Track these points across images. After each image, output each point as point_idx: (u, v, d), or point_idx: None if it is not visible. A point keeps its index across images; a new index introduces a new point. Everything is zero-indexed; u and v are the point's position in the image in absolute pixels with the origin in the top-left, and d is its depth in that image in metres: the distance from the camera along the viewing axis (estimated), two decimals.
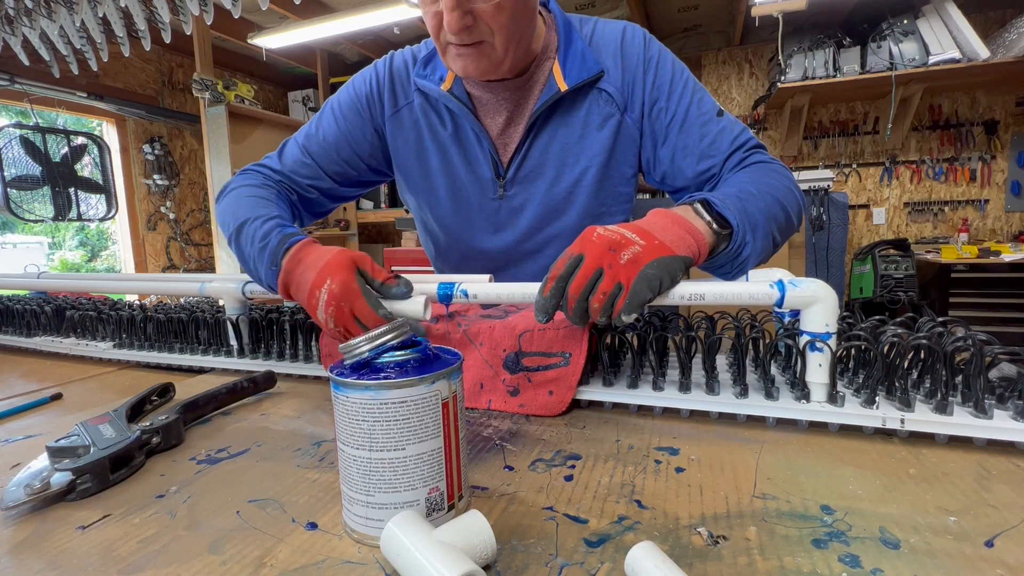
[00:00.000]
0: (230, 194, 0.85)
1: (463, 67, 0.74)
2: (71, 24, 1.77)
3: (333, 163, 0.91)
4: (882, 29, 3.19)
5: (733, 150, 0.79)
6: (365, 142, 0.91)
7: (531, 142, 0.84)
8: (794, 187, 0.76)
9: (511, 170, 0.86)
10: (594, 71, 0.80)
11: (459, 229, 0.93)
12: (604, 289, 0.53)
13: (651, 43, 0.83)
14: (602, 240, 0.55)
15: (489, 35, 0.70)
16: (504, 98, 0.83)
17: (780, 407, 0.54)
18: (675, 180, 0.84)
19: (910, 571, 0.33)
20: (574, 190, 0.86)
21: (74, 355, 0.94)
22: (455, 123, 0.86)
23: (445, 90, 0.82)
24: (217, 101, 3.52)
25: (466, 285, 0.64)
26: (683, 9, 3.63)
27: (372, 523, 0.37)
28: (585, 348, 0.60)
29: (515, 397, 0.62)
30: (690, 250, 0.58)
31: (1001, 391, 0.51)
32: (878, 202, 3.97)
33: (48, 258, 5.40)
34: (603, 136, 0.83)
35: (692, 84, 0.82)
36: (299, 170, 0.91)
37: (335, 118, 0.91)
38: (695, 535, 0.37)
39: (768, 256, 0.70)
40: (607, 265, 0.54)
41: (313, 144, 0.91)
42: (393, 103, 0.89)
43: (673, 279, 0.55)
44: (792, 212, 0.73)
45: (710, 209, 0.63)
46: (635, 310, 0.53)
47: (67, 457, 0.47)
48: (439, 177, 0.90)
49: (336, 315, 0.61)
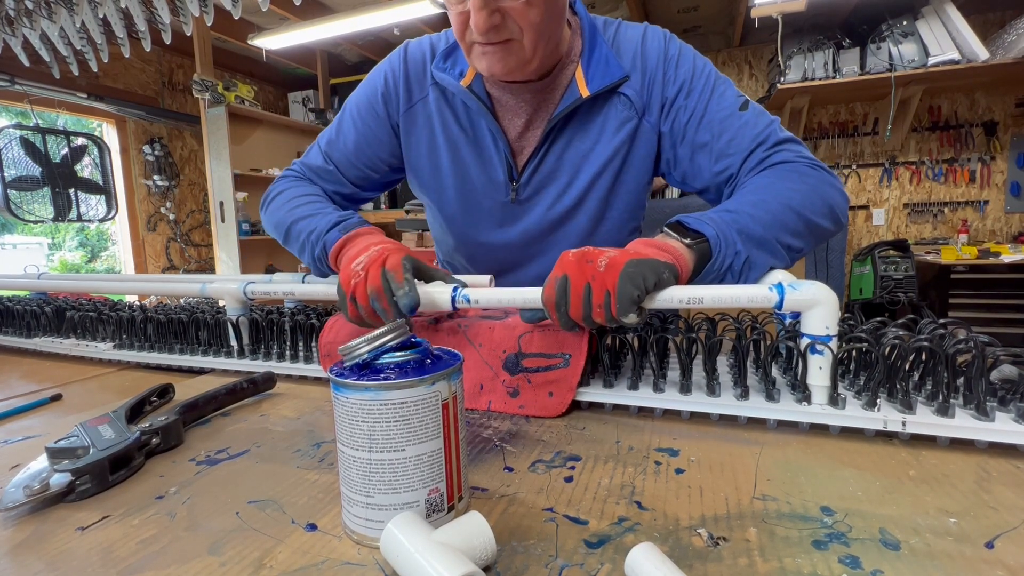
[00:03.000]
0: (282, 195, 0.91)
1: (488, 66, 0.72)
2: (71, 25, 1.77)
3: (354, 169, 0.92)
4: (881, 30, 3.20)
5: (754, 147, 0.75)
6: (384, 143, 0.90)
7: (548, 147, 0.83)
8: (824, 187, 0.72)
9: (525, 174, 0.85)
10: (617, 76, 0.78)
11: (467, 227, 0.93)
12: (598, 303, 0.54)
13: (671, 41, 0.81)
14: (576, 255, 0.57)
15: (518, 33, 0.69)
16: (525, 100, 0.82)
17: (781, 409, 0.54)
18: (695, 180, 0.82)
19: (910, 572, 0.33)
20: (586, 195, 0.85)
21: (74, 356, 0.94)
22: (471, 121, 0.85)
23: (465, 86, 0.80)
24: (217, 102, 3.52)
25: (467, 291, 0.64)
26: (683, 10, 3.64)
27: (372, 524, 0.37)
28: (585, 350, 0.60)
29: (515, 398, 0.62)
30: (668, 260, 0.58)
31: (1003, 393, 0.51)
32: (878, 203, 3.98)
33: (48, 259, 5.40)
34: (618, 140, 0.81)
35: (714, 79, 0.79)
36: (324, 176, 0.93)
37: (354, 122, 0.91)
38: (695, 536, 0.37)
39: (785, 263, 0.69)
40: (590, 278, 0.54)
41: (335, 152, 0.92)
42: (408, 98, 0.87)
43: (657, 274, 0.55)
44: (817, 215, 0.71)
45: (683, 228, 0.64)
46: (629, 309, 0.53)
47: (66, 458, 0.46)
48: (449, 175, 0.89)
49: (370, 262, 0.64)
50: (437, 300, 0.64)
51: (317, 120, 4.61)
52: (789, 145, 0.76)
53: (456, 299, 0.63)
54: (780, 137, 0.76)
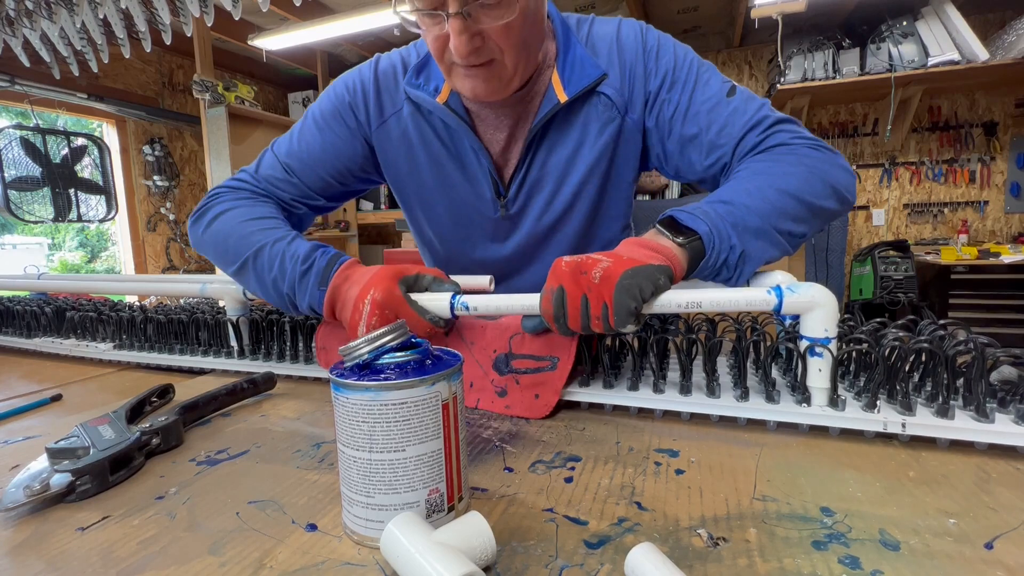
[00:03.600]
0: (222, 218, 0.80)
1: (472, 88, 0.71)
2: (72, 25, 1.78)
3: (318, 179, 0.86)
4: (881, 31, 3.20)
5: (745, 132, 0.72)
6: (352, 153, 0.85)
7: (531, 158, 0.81)
8: (826, 166, 0.69)
9: (512, 189, 0.83)
10: (594, 76, 0.76)
11: (458, 242, 0.91)
12: (595, 315, 0.54)
13: (648, 33, 0.79)
14: (570, 266, 0.56)
15: (498, 53, 0.68)
16: (505, 114, 0.79)
17: (781, 411, 0.54)
18: (688, 173, 0.80)
19: (910, 573, 0.33)
20: (575, 201, 0.84)
21: (74, 356, 0.94)
22: (451, 138, 0.82)
23: (441, 103, 0.77)
24: (217, 102, 3.52)
25: (466, 298, 0.64)
26: (683, 10, 3.64)
27: (372, 524, 0.37)
28: (572, 354, 0.60)
29: (502, 398, 0.62)
30: (661, 263, 0.57)
31: (1003, 395, 0.51)
32: (878, 203, 3.98)
33: (48, 259, 5.40)
34: (602, 143, 0.79)
35: (696, 68, 0.77)
36: (282, 187, 0.86)
37: (318, 128, 0.85)
38: (695, 537, 0.37)
39: (785, 250, 0.67)
40: (586, 290, 0.54)
41: (295, 161, 0.85)
42: (379, 113, 0.84)
43: (655, 283, 0.54)
44: (819, 197, 0.68)
45: (676, 225, 0.63)
46: (627, 320, 0.53)
47: (67, 458, 0.46)
48: (436, 193, 0.87)
49: (380, 324, 0.61)
50: (435, 309, 0.65)
51: None
52: (784, 126, 0.73)
53: (455, 307, 0.64)
54: (774, 118, 0.73)
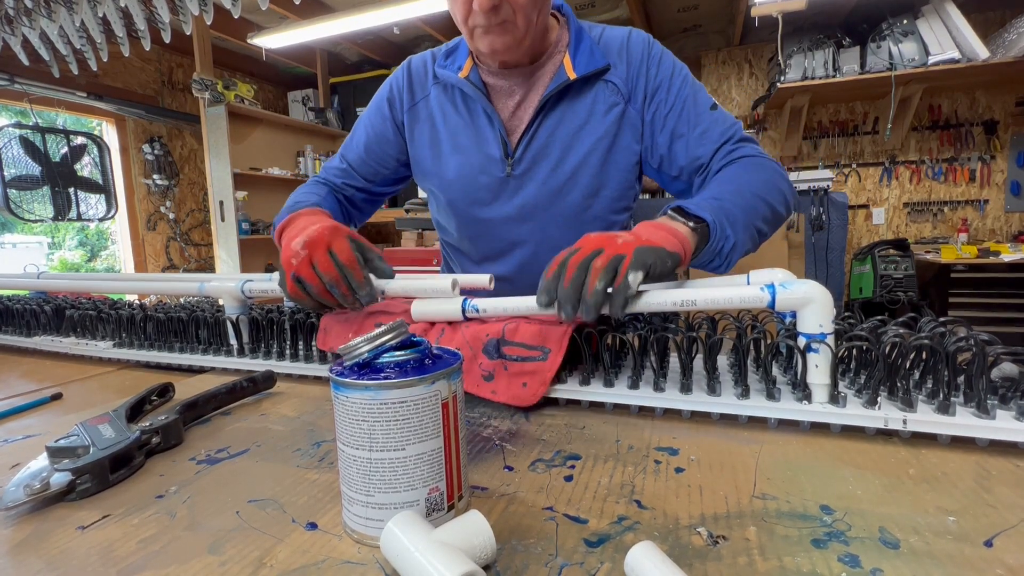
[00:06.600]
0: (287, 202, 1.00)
1: (490, 43, 0.83)
2: (71, 24, 1.77)
3: (365, 164, 1.06)
4: (882, 29, 3.20)
5: (723, 142, 0.87)
6: (391, 141, 1.04)
7: (539, 124, 0.92)
8: (779, 179, 0.84)
9: (519, 150, 0.94)
10: (601, 64, 0.89)
11: (468, 205, 1.00)
12: (607, 255, 0.56)
13: (654, 44, 0.93)
14: (597, 235, 0.61)
15: (511, 15, 0.81)
16: (516, 83, 0.93)
17: (782, 408, 0.54)
18: (670, 167, 0.92)
19: (909, 571, 0.33)
20: (579, 171, 0.93)
21: (74, 355, 0.94)
22: (468, 107, 0.96)
23: (463, 77, 0.92)
24: (217, 101, 3.52)
25: (476, 301, 0.66)
26: (683, 9, 3.63)
27: (372, 523, 0.37)
28: (565, 346, 0.60)
29: (488, 382, 0.62)
30: (675, 248, 0.62)
31: (1004, 391, 0.51)
32: (878, 202, 3.98)
33: (48, 258, 5.39)
34: (608, 121, 0.91)
35: (691, 81, 0.92)
36: (338, 175, 1.08)
37: (364, 126, 1.06)
38: (695, 535, 0.37)
39: (755, 246, 0.79)
40: (605, 246, 0.58)
41: (350, 153, 1.07)
42: (411, 98, 1.01)
43: (664, 264, 0.58)
44: (777, 203, 0.82)
45: (685, 213, 0.70)
46: (641, 268, 0.55)
47: (67, 457, 0.46)
48: (451, 158, 0.98)
49: (310, 242, 0.69)
50: (447, 310, 0.68)
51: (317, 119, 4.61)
52: (750, 144, 0.89)
53: (466, 310, 0.66)
54: (742, 135, 0.89)
